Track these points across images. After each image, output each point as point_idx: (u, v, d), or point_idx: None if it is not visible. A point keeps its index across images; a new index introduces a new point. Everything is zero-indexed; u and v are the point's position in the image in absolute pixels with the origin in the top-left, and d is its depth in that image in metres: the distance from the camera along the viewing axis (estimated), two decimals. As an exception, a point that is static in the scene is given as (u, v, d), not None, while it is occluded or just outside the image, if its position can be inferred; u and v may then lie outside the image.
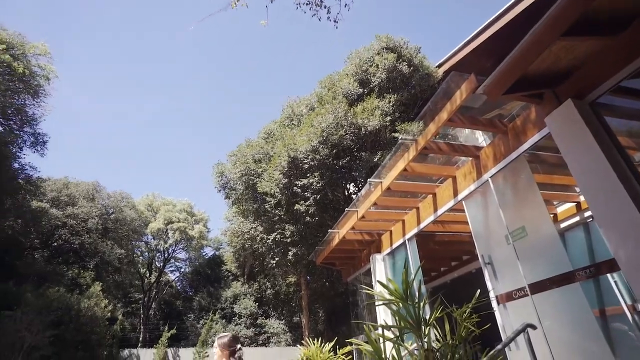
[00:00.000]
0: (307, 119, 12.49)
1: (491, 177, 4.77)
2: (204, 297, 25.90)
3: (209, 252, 31.19)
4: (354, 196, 11.24)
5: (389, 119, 10.98)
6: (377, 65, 11.65)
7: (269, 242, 12.78)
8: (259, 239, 13.46)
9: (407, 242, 6.91)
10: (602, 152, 3.15)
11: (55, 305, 13.85)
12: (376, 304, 6.88)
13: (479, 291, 3.03)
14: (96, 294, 16.54)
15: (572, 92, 3.53)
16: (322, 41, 60.29)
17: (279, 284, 22.22)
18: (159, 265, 29.26)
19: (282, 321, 22.40)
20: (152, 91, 57.94)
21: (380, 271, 7.69)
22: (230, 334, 3.20)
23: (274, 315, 22.98)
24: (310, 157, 11.25)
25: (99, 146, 57.07)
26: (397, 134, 9.64)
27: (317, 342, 6.21)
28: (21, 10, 34.72)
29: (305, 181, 11.27)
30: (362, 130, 11.06)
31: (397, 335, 2.84)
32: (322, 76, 13.85)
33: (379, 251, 8.06)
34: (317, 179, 11.22)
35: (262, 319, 22.75)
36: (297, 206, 11.52)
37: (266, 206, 12.84)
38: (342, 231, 8.31)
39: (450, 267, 9.92)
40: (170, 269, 30.85)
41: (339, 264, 10.86)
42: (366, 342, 2.97)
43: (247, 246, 14.94)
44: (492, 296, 4.52)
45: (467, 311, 2.87)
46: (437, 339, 2.95)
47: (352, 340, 3.62)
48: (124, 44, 53.24)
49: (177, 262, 30.57)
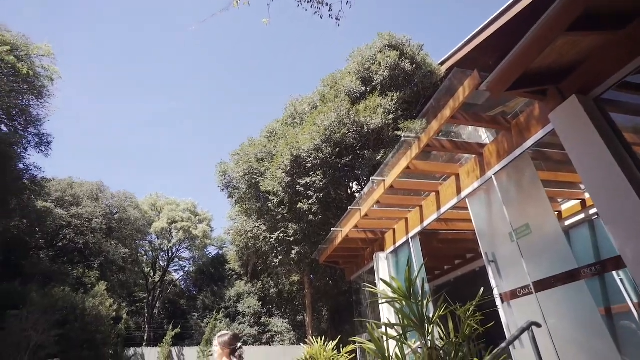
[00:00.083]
0: (309, 117, 12.48)
1: (495, 175, 4.73)
2: (208, 296, 26.00)
3: (213, 251, 31.36)
4: (357, 195, 11.22)
5: (391, 117, 10.95)
6: (379, 63, 11.61)
7: (272, 240, 12.80)
8: (262, 237, 13.49)
9: (410, 240, 6.88)
10: (607, 149, 3.11)
11: (60, 304, 13.95)
12: (379, 302, 6.88)
13: (483, 289, 3.00)
14: (101, 293, 16.64)
15: (576, 88, 3.50)
16: (324, 40, 60.26)
17: (282, 282, 22.26)
18: (163, 264, 29.42)
19: (286, 320, 22.44)
20: (154, 91, 58.19)
21: (383, 269, 7.67)
22: (230, 333, 3.20)
23: (278, 314, 23.03)
24: (313, 155, 11.24)
25: (103, 146, 57.41)
26: (400, 132, 9.62)
27: (321, 340, 6.22)
28: (22, 10, 34.94)
29: (308, 180, 11.27)
30: (365, 128, 11.03)
31: (401, 333, 2.83)
32: (325, 75, 13.87)
33: (382, 249, 8.04)
34: (319, 177, 11.21)
35: (266, 317, 22.81)
36: (300, 205, 11.52)
37: (269, 205, 12.85)
38: (345, 230, 8.30)
39: (454, 266, 9.88)
40: (174, 268, 31.05)
41: (343, 262, 10.85)
42: (369, 341, 2.96)
43: (251, 245, 14.99)
44: (496, 294, 4.49)
45: (471, 309, 2.85)
46: (440, 337, 2.94)
47: (356, 339, 3.61)
48: (126, 43, 53.45)
49: (181, 261, 30.75)
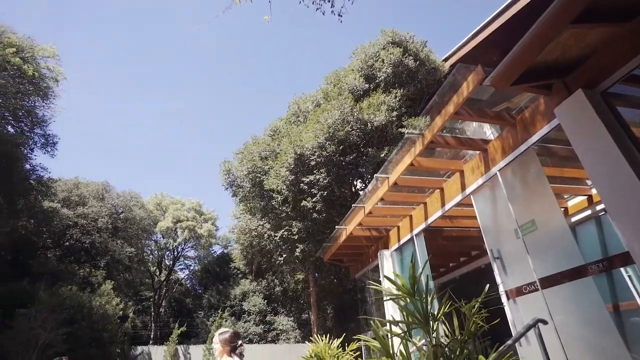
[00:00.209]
0: (313, 115, 12.46)
1: (499, 171, 4.69)
2: (213, 295, 26.13)
3: (218, 250, 31.50)
4: (361, 192, 11.20)
5: (395, 114, 10.90)
6: (382, 60, 11.55)
7: (277, 239, 12.82)
8: (267, 236, 13.51)
9: (414, 237, 6.85)
10: (614, 143, 3.06)
11: (67, 303, 14.10)
12: (384, 299, 6.86)
13: (488, 285, 2.98)
14: (107, 292, 16.80)
15: (583, 81, 3.45)
16: (326, 38, 60.09)
17: (287, 281, 22.31)
18: (168, 263, 29.60)
19: (291, 318, 22.49)
20: (158, 91, 58.42)
21: (388, 267, 7.65)
22: (231, 330, 3.18)
23: (283, 312, 23.08)
24: (316, 153, 11.22)
25: (107, 146, 57.79)
26: (403, 129, 9.57)
27: (326, 338, 6.21)
28: (24, 11, 35.18)
29: (311, 178, 11.26)
30: (369, 125, 10.99)
31: (405, 330, 2.81)
32: (328, 73, 13.83)
33: (386, 247, 8.02)
34: (323, 175, 11.20)
35: (271, 316, 22.87)
36: (304, 203, 11.52)
37: (273, 203, 12.87)
38: (349, 227, 8.28)
39: (459, 263, 9.83)
40: (179, 267, 31.23)
41: (347, 260, 10.83)
42: (374, 339, 2.95)
43: (255, 243, 15.02)
44: (501, 291, 4.45)
45: (476, 306, 2.83)
46: (445, 335, 2.91)
47: (360, 336, 3.59)
48: (128, 43, 53.69)
49: (187, 260, 30.91)
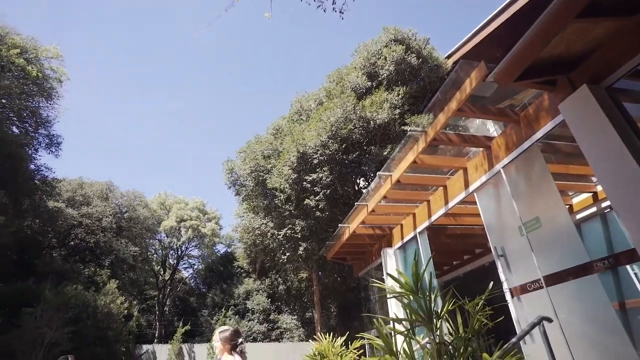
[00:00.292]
0: (315, 113, 12.44)
1: (503, 168, 4.65)
2: (217, 294, 26.23)
3: (221, 249, 31.60)
4: (364, 191, 11.19)
5: (398, 111, 10.86)
6: (385, 57, 11.51)
7: (280, 237, 12.83)
8: (270, 234, 13.52)
9: (418, 235, 6.83)
10: (620, 139, 3.03)
11: (73, 302, 14.21)
12: (387, 297, 6.84)
13: (492, 283, 2.95)
14: (112, 291, 16.90)
15: (587, 77, 3.41)
16: (328, 38, 59.94)
17: (290, 279, 22.33)
18: (172, 262, 29.72)
19: (295, 317, 22.53)
20: (160, 91, 58.58)
21: (391, 265, 7.63)
22: (231, 328, 3.17)
23: (287, 310, 23.13)
24: (319, 152, 11.21)
25: (110, 146, 58.01)
26: (406, 127, 9.52)
27: (329, 337, 6.21)
28: (27, 11, 35.37)
29: (314, 176, 11.25)
30: (371, 123, 10.96)
31: (408, 328, 2.80)
32: (330, 71, 13.80)
33: (390, 245, 8.00)
34: (326, 173, 11.19)
35: (275, 314, 22.93)
36: (307, 201, 11.52)
37: (276, 202, 12.88)
38: (352, 226, 8.26)
39: (462, 261, 9.79)
40: (183, 266, 31.35)
41: (350, 258, 10.83)
42: (377, 337, 2.94)
43: (258, 242, 15.04)
44: (505, 288, 4.43)
45: (480, 304, 2.81)
46: (449, 333, 2.90)
47: (364, 334, 3.59)
48: (129, 43, 53.84)
49: (190, 259, 31.01)
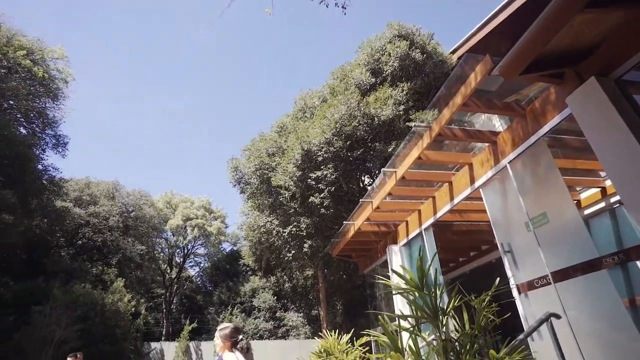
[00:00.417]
0: (319, 111, 12.40)
1: (509, 163, 4.60)
2: (224, 292, 26.35)
3: (227, 247, 31.74)
4: (368, 188, 11.15)
5: (402, 108, 10.78)
6: (389, 53, 11.42)
7: (285, 235, 12.84)
8: (275, 232, 13.54)
9: (423, 232, 6.78)
10: (630, 132, 2.96)
11: (81, 300, 14.36)
12: (393, 293, 6.82)
13: (499, 279, 2.92)
14: (119, 289, 17.05)
15: (596, 69, 3.34)
16: (331, 35, 59.74)
17: (296, 277, 22.38)
18: (179, 261, 29.92)
19: (301, 314, 22.57)
20: (161, 90, 58.85)
21: (396, 262, 7.60)
22: (232, 325, 3.16)
23: (293, 308, 23.18)
24: (323, 149, 11.18)
25: (116, 146, 58.48)
26: (411, 123, 9.46)
27: (335, 334, 6.21)
28: (32, 11, 35.68)
29: (319, 173, 11.23)
30: (376, 120, 10.90)
31: (414, 325, 2.77)
32: (333, 69, 13.74)
33: (395, 242, 7.96)
34: (331, 171, 11.16)
35: (281, 312, 22.98)
36: (312, 199, 11.50)
37: (281, 199, 12.88)
38: (357, 223, 8.24)
39: (469, 258, 9.73)
40: (190, 265, 31.54)
41: (356, 256, 10.81)
42: (383, 334, 2.92)
43: (264, 240, 15.06)
44: (512, 284, 4.38)
45: (487, 300, 2.77)
46: (455, 329, 2.87)
47: (369, 331, 3.57)
48: (133, 42, 54.11)
49: (197, 257, 31.19)
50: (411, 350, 2.67)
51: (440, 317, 2.70)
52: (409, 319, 2.90)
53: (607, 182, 5.83)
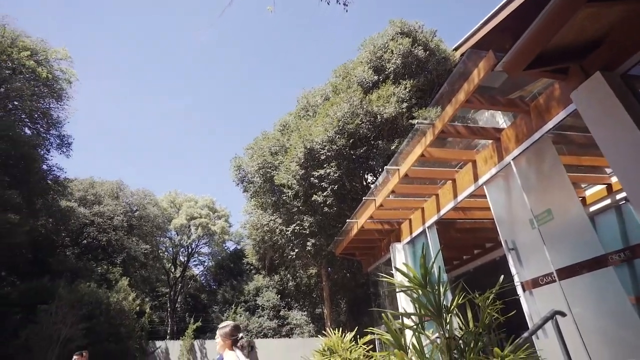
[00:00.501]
0: (322, 109, 12.38)
1: (513, 160, 4.56)
2: (228, 290, 26.43)
3: (231, 246, 31.82)
4: (372, 186, 11.13)
5: (405, 105, 10.74)
6: (391, 51, 11.38)
7: (288, 233, 12.85)
8: (278, 231, 13.56)
9: (427, 230, 6.75)
10: (636, 127, 2.93)
11: (86, 299, 14.46)
12: (396, 291, 6.80)
13: (503, 276, 2.89)
14: (124, 288, 17.14)
15: (601, 64, 3.30)
16: (334, 33, 59.59)
17: (299, 275, 22.40)
18: (183, 260, 30.03)
19: (305, 313, 22.60)
20: (163, 89, 59.01)
21: (400, 260, 7.58)
22: (232, 323, 3.15)
23: (296, 306, 23.22)
24: (326, 147, 11.17)
25: (119, 146, 58.73)
26: (414, 121, 9.42)
27: (339, 332, 6.20)
28: (35, 10, 35.86)
29: (322, 172, 11.22)
30: (378, 118, 10.87)
31: (417, 323, 2.76)
32: (335, 67, 13.71)
33: (398, 240, 7.94)
34: (334, 169, 11.15)
35: (285, 310, 23.03)
36: (315, 197, 11.50)
37: (284, 198, 12.89)
38: (360, 221, 8.22)
39: (473, 255, 9.68)
40: (194, 264, 31.64)
41: (359, 254, 10.79)
42: (387, 332, 2.90)
43: (267, 238, 15.10)
44: (516, 282, 4.35)
45: (491, 297, 2.75)
46: (459, 327, 2.85)
47: (373, 329, 3.55)
48: (137, 40, 54.26)
49: (201, 256, 31.29)
50: (415, 348, 2.65)
51: (444, 315, 2.68)
52: (413, 317, 2.88)
53: (613, 179, 5.78)
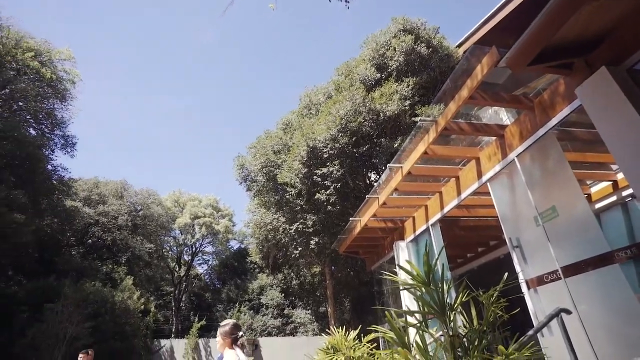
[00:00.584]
0: (324, 107, 12.36)
1: (517, 157, 4.52)
2: (232, 289, 26.52)
3: (235, 245, 31.90)
4: (375, 184, 11.10)
5: (408, 103, 10.69)
6: (394, 48, 11.32)
7: (292, 232, 12.86)
8: (282, 229, 13.56)
9: (430, 228, 6.73)
10: (642, 122, 2.89)
11: (91, 298, 14.55)
12: (400, 289, 6.78)
13: (507, 274, 2.87)
14: (129, 287, 17.24)
15: (607, 58, 3.26)
16: (336, 31, 59.43)
17: (303, 274, 22.43)
18: (187, 259, 30.15)
19: (309, 311, 22.62)
20: (165, 89, 59.15)
21: (403, 258, 7.56)
22: (232, 322, 3.15)
23: (300, 305, 23.25)
24: (329, 145, 11.15)
25: (123, 146, 58.95)
26: (417, 118, 9.38)
27: (342, 330, 6.19)
28: (38, 10, 36.07)
29: (325, 170, 11.20)
30: (381, 115, 10.83)
31: (421, 321, 2.74)
32: (338, 65, 13.67)
33: (402, 238, 7.92)
34: (336, 167, 11.13)
35: (289, 309, 23.07)
36: (318, 195, 11.48)
37: (287, 197, 12.88)
38: (363, 219, 8.21)
39: (477, 253, 9.64)
40: (198, 263, 31.75)
41: (363, 252, 10.78)
42: (390, 330, 2.89)
43: (270, 237, 15.10)
44: (521, 279, 4.32)
45: (495, 295, 2.73)
46: (463, 325, 2.83)
47: (377, 327, 3.54)
48: (140, 40, 54.42)
49: (205, 255, 31.40)
50: (418, 346, 2.64)
51: (447, 312, 2.67)
52: (417, 315, 2.86)
53: (619, 175, 5.72)
